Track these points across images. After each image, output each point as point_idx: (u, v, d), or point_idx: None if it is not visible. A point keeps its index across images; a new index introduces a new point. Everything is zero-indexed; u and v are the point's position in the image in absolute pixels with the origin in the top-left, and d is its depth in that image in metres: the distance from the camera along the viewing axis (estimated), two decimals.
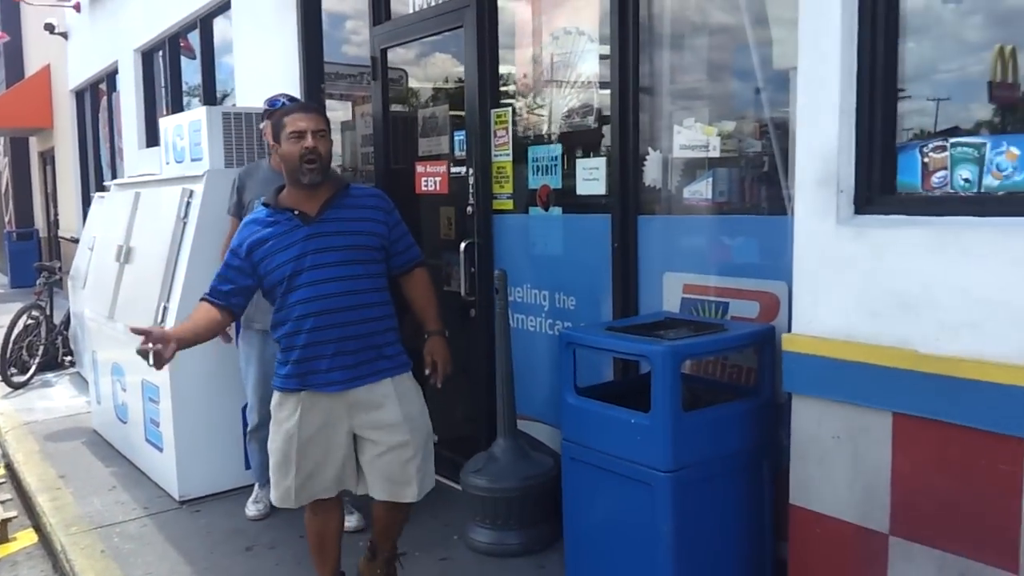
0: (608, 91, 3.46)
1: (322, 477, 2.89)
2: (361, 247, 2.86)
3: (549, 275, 3.87)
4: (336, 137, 5.82)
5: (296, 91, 5.79)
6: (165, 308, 4.38)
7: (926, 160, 2.31)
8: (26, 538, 4.33)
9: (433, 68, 4.84)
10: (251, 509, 4.18)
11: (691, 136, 3.20)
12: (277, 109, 3.54)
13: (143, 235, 4.99)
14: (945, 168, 2.27)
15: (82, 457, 5.22)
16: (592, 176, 3.60)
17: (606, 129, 3.54)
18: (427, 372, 3.10)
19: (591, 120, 3.65)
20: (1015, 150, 2.13)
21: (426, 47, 4.76)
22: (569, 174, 3.73)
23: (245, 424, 4.45)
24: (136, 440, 4.86)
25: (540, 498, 3.52)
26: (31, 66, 15.75)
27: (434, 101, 4.74)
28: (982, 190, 2.20)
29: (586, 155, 3.68)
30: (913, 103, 2.40)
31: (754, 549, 2.82)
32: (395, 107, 5.02)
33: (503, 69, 4.13)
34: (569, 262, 3.77)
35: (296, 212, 2.83)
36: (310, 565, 3.54)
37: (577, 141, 3.74)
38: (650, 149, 3.36)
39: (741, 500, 2.75)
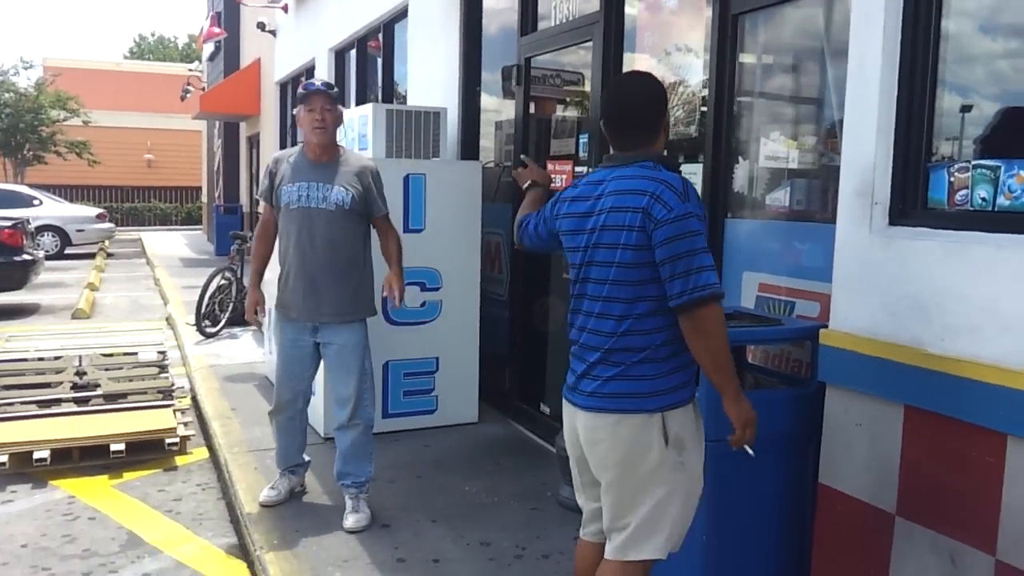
0: (707, 105, 3.82)
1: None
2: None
3: None
4: (489, 131, 6.44)
5: (454, 92, 6.47)
6: None
7: (952, 179, 2.57)
8: (200, 454, 5.23)
9: (567, 75, 5.33)
10: (265, 493, 4.10)
11: (775, 148, 3.53)
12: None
13: None
14: (967, 187, 2.52)
15: (251, 396, 6.13)
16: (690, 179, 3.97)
17: (704, 138, 3.90)
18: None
19: (692, 129, 4.02)
20: (1023, 173, 2.37)
21: (561, 56, 5.26)
22: None
23: (385, 379, 5.15)
24: None
25: None
26: (245, 59, 17.60)
27: (566, 106, 5.23)
28: (995, 209, 2.45)
29: (687, 160, 4.05)
30: (946, 125, 2.66)
31: (793, 524, 3.12)
32: (534, 110, 5.55)
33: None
34: None
35: None
36: (419, 497, 4.15)
37: (679, 148, 4.12)
38: (740, 158, 3.70)
39: (780, 477, 3.07)
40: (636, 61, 4.46)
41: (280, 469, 4.24)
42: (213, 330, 8.37)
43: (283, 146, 14.18)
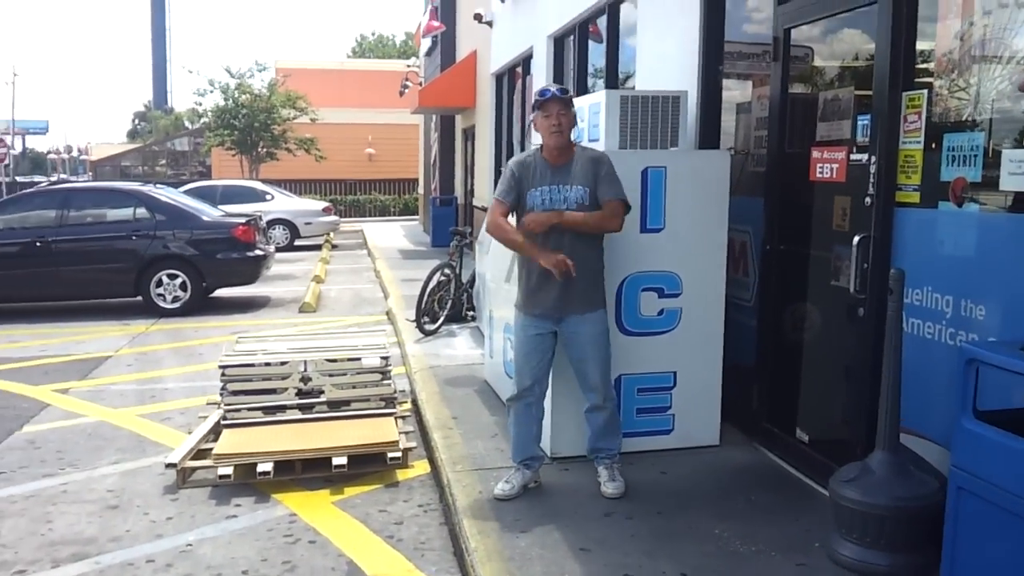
0: None
1: None
2: None
3: (955, 278, 3.44)
4: (729, 118, 5.75)
5: (693, 74, 5.81)
6: None
7: None
8: (421, 467, 4.95)
9: (839, 46, 4.53)
10: (500, 486, 4.18)
11: None
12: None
13: None
14: None
15: (473, 403, 5.83)
16: (1021, 169, 3.12)
17: None
18: None
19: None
20: None
21: (832, 24, 4.47)
22: (992, 166, 3.27)
23: (617, 394, 4.62)
24: None
25: (917, 522, 3.18)
26: (461, 53, 17.71)
27: (838, 83, 4.43)
28: None
29: (1018, 145, 3.19)
30: None
31: None
32: (795, 88, 4.80)
33: (920, 47, 3.73)
34: (983, 266, 3.32)
35: None
36: (663, 541, 3.61)
37: (1007, 129, 3.26)
38: None
39: None
40: (943, 15, 3.62)
41: (516, 461, 4.30)
42: (432, 327, 8.23)
43: (498, 138, 14.05)
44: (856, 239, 3.88)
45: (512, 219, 4.22)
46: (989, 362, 2.46)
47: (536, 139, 4.31)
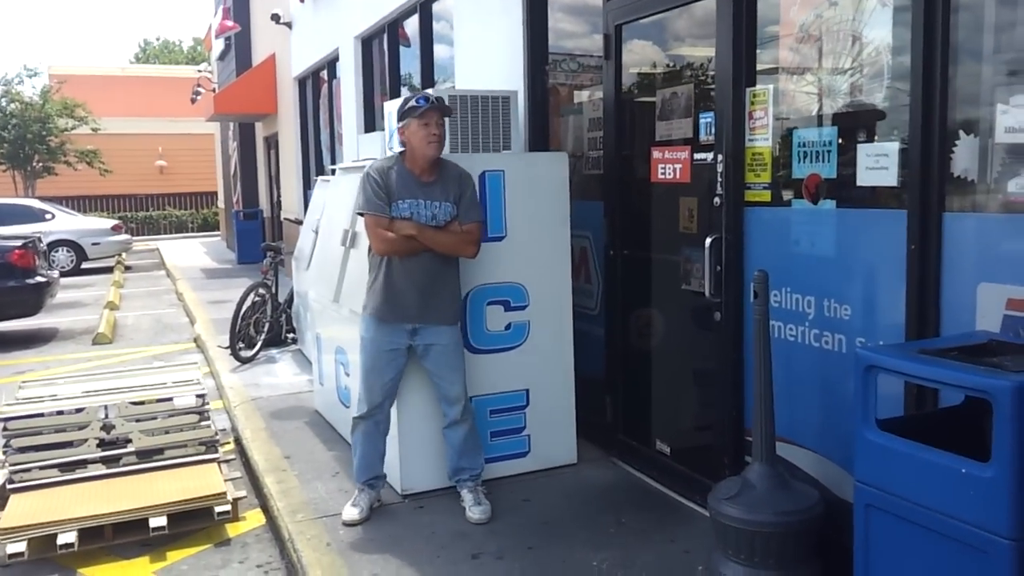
0: (905, 60, 2.91)
1: None
2: None
3: (816, 278, 3.37)
4: (557, 121, 5.56)
5: (519, 74, 5.58)
6: None
7: None
8: (254, 519, 4.38)
9: (675, 42, 4.42)
10: (347, 511, 4.00)
11: (1021, 117, 2.61)
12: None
13: None
14: None
15: (306, 438, 5.28)
16: (879, 164, 3.07)
17: (900, 108, 3.00)
18: None
19: (879, 97, 3.11)
20: None
21: (668, 18, 4.35)
22: (847, 162, 3.21)
23: None
24: None
25: (802, 536, 3.04)
26: (258, 55, 16.72)
27: (677, 80, 4.32)
28: None
29: (870, 139, 3.15)
30: None
31: None
32: (630, 87, 4.65)
33: (763, 39, 3.66)
34: (844, 264, 3.26)
35: None
36: None
37: (858, 122, 3.21)
38: (962, 132, 2.79)
39: None
40: (785, 8, 3.56)
41: (360, 482, 4.11)
42: (249, 354, 7.51)
43: (305, 146, 13.33)
44: (708, 241, 3.76)
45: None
46: (890, 368, 2.32)
47: (394, 146, 4.03)
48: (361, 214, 3.94)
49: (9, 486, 4.35)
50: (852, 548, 2.49)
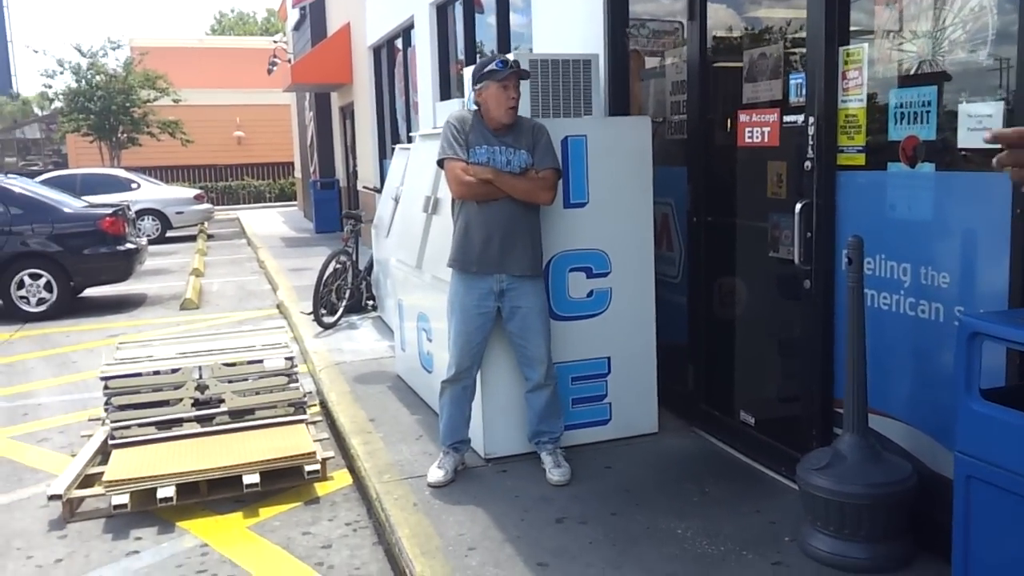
0: (1011, 15, 2.78)
1: None
2: None
3: (912, 244, 3.27)
4: (637, 85, 5.48)
5: (599, 37, 5.51)
6: None
7: None
8: (342, 479, 4.51)
9: (762, 1, 4.30)
10: (433, 473, 4.06)
11: None
12: None
13: None
14: None
15: (389, 402, 5.39)
16: (981, 125, 2.94)
17: (1004, 66, 2.87)
18: None
19: (982, 55, 2.98)
20: None
21: None
22: (947, 123, 3.09)
23: None
24: None
25: (893, 509, 3.00)
26: (332, 25, 16.88)
27: (765, 40, 4.21)
28: None
29: (974, 99, 3.02)
30: None
31: None
32: (716, 48, 4.55)
33: None
34: (943, 230, 3.15)
35: None
36: (624, 546, 3.33)
37: (959, 82, 3.08)
38: None
39: None
40: None
41: (445, 445, 4.16)
42: (331, 320, 7.69)
43: (380, 116, 13.44)
44: (798, 206, 3.67)
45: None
46: (997, 335, 2.24)
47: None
48: (441, 162, 4.03)
49: (111, 442, 4.57)
50: (945, 523, 2.44)
